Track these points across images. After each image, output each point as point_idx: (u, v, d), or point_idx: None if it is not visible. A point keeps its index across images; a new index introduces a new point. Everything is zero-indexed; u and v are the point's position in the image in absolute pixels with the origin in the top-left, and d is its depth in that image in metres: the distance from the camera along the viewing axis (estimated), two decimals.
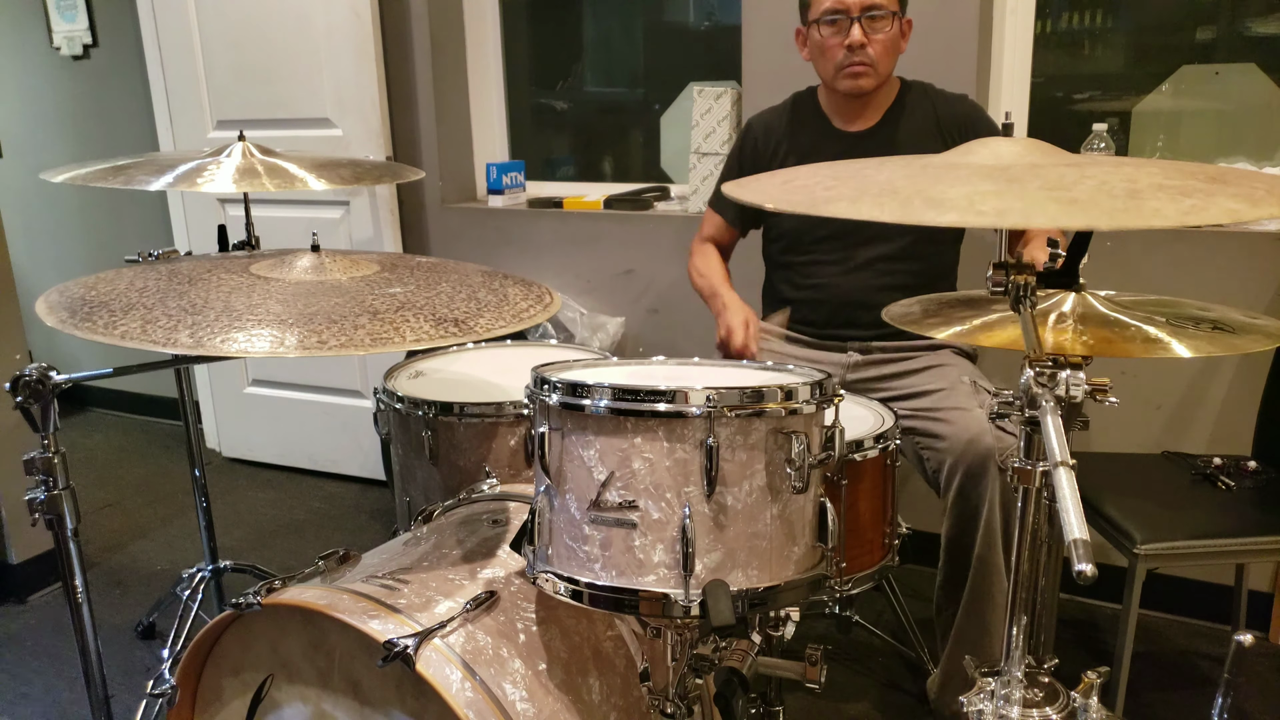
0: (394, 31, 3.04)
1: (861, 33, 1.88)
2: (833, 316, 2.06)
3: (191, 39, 3.22)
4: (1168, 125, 2.46)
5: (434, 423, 1.73)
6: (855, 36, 1.88)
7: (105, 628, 2.47)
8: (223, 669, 1.35)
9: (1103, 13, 2.49)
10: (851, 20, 1.88)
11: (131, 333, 1.09)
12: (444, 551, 1.42)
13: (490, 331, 1.21)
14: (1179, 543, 1.74)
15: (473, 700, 1.14)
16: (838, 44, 1.91)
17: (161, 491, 3.36)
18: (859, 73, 1.92)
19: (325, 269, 1.33)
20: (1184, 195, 0.91)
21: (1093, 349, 1.15)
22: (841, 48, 1.90)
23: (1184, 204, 0.89)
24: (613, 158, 3.37)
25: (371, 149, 3.04)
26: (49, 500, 1.22)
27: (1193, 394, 2.29)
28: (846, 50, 1.90)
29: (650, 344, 2.92)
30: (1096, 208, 0.90)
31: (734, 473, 1.13)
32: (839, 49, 1.91)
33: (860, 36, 1.88)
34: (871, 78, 1.92)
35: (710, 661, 1.32)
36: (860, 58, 1.90)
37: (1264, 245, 2.15)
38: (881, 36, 1.89)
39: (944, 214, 0.91)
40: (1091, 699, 1.19)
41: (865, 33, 1.88)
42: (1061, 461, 0.94)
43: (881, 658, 2.24)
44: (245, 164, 1.88)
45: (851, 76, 1.92)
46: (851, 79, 1.93)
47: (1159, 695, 2.09)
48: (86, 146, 3.79)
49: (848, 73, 1.92)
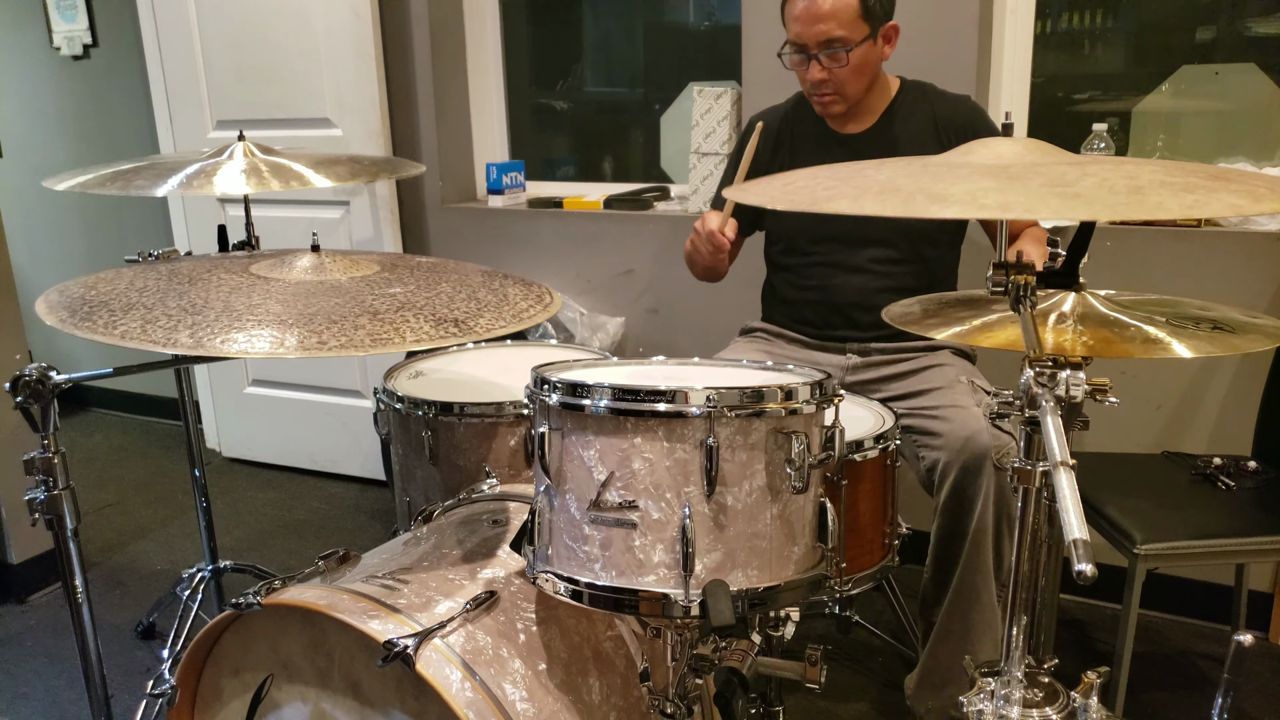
0: (394, 31, 3.04)
1: (820, 69, 1.90)
2: (832, 318, 2.06)
3: (191, 39, 3.22)
4: (1168, 125, 2.46)
5: (434, 423, 1.73)
6: (814, 74, 1.91)
7: (105, 628, 2.47)
8: (223, 669, 1.35)
9: (1103, 13, 2.49)
10: (810, 56, 1.90)
11: (131, 332, 1.09)
12: (444, 551, 1.42)
13: (490, 331, 1.21)
14: (1179, 543, 1.74)
15: (473, 700, 1.14)
16: (803, 74, 1.94)
17: (161, 491, 3.36)
18: (825, 102, 1.96)
19: (325, 269, 1.33)
20: (1186, 191, 0.91)
21: (1093, 349, 1.15)
22: (806, 78, 1.93)
23: (1186, 199, 0.89)
24: (613, 158, 3.37)
25: (371, 149, 3.04)
26: (49, 500, 1.22)
27: (1193, 394, 2.29)
28: (811, 83, 1.93)
29: (650, 344, 2.92)
30: (1099, 201, 0.90)
31: (734, 473, 1.14)
32: (805, 79, 1.95)
33: (819, 73, 1.90)
34: (840, 103, 1.95)
35: (710, 661, 1.32)
36: (823, 90, 1.93)
37: (1264, 245, 2.15)
38: (844, 69, 1.89)
39: (946, 207, 0.91)
40: (1091, 699, 1.19)
41: (825, 68, 1.89)
42: (1061, 461, 0.94)
43: (881, 658, 2.24)
44: (248, 164, 1.88)
45: (820, 104, 1.98)
46: (820, 106, 1.98)
47: (1159, 695, 2.09)
48: (86, 146, 3.79)
49: (816, 101, 1.97)
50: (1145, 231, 2.24)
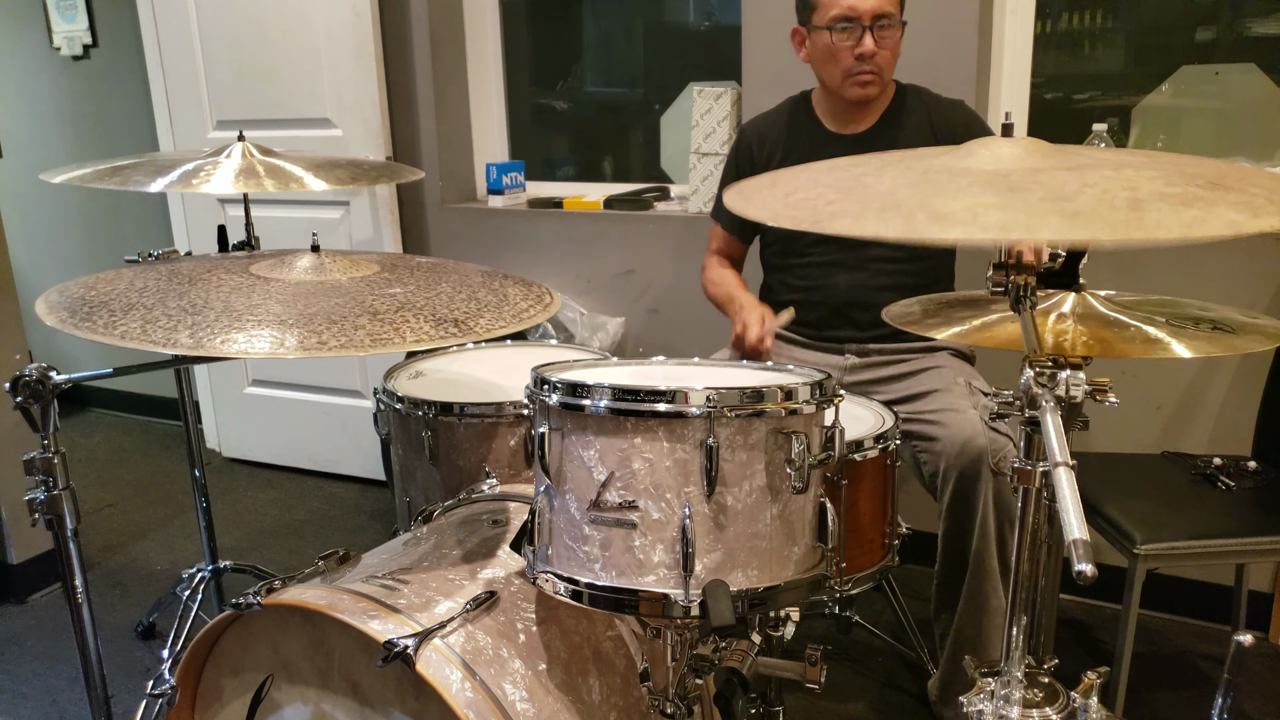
0: (394, 31, 3.04)
1: (873, 41, 1.87)
2: (829, 318, 2.05)
3: (191, 39, 3.22)
4: (1168, 125, 2.46)
5: (434, 423, 1.73)
6: (867, 45, 1.87)
7: (105, 628, 2.47)
8: (223, 669, 1.35)
9: (1103, 13, 2.49)
10: (863, 29, 1.86)
11: (131, 333, 1.09)
12: (444, 552, 1.42)
13: (490, 332, 1.21)
14: (1179, 543, 1.74)
15: (473, 700, 1.14)
16: (848, 51, 1.89)
17: (161, 491, 3.36)
18: (868, 81, 1.91)
19: (325, 269, 1.33)
20: (1185, 205, 0.91)
21: (1092, 350, 1.15)
22: (851, 55, 1.89)
23: (1185, 215, 0.89)
24: (613, 158, 3.37)
25: (371, 149, 3.04)
26: (49, 500, 1.22)
27: (1193, 394, 2.29)
28: (857, 59, 1.89)
29: (650, 344, 2.92)
30: (1099, 220, 0.90)
31: (734, 473, 1.13)
32: (849, 56, 1.89)
33: (872, 45, 1.87)
34: (878, 85, 1.92)
35: (710, 661, 1.32)
36: (869, 66, 1.89)
37: (1264, 245, 2.15)
38: (890, 44, 1.89)
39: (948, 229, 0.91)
40: (1091, 699, 1.19)
41: (876, 41, 1.87)
42: (1061, 462, 0.94)
43: (881, 658, 2.24)
44: (245, 164, 1.88)
45: (860, 85, 1.92)
46: (860, 87, 1.92)
47: (1159, 695, 2.09)
48: (86, 146, 3.79)
49: (856, 80, 1.91)
50: None
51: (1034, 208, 0.92)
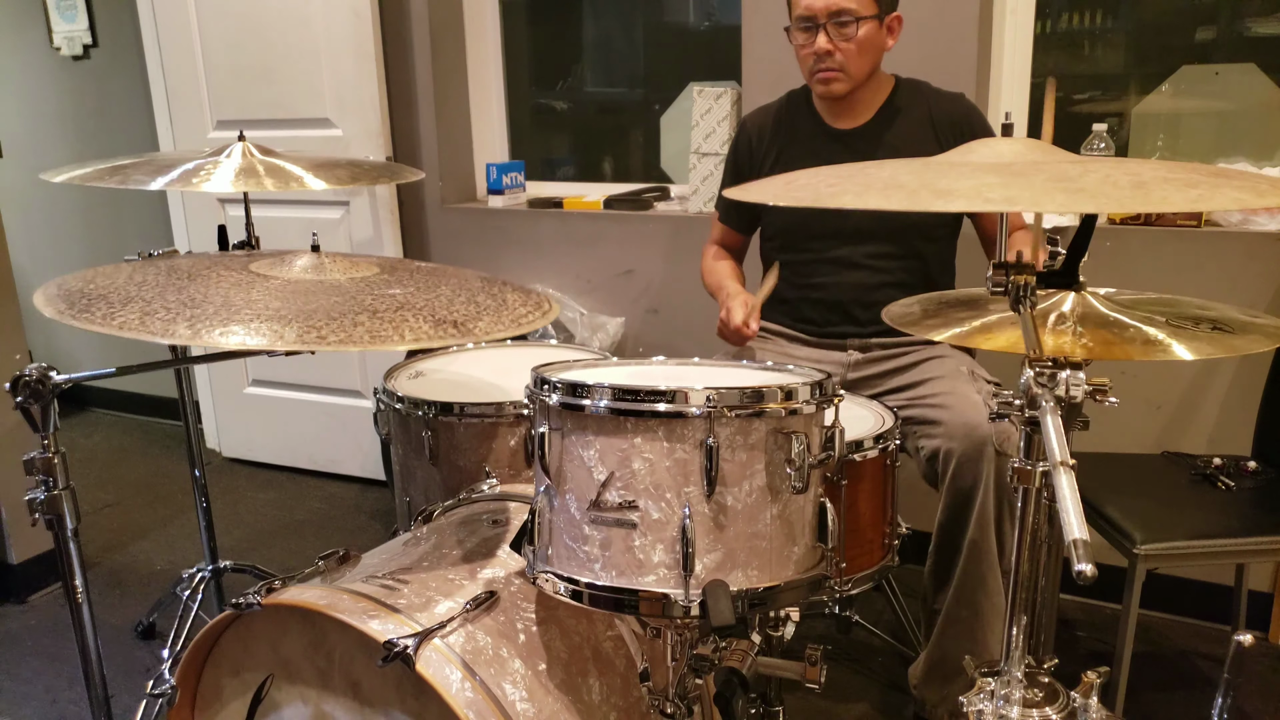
0: (394, 31, 3.04)
1: (828, 40, 1.89)
2: (831, 314, 2.06)
3: (191, 39, 3.22)
4: (1168, 125, 2.46)
5: (434, 423, 1.73)
6: (819, 44, 1.89)
7: (105, 628, 2.47)
8: (223, 669, 1.35)
9: (1103, 13, 2.49)
10: (818, 27, 1.89)
11: (129, 324, 1.09)
12: (444, 551, 1.42)
13: (489, 335, 1.21)
14: (1179, 543, 1.74)
15: (473, 700, 1.14)
16: (808, 50, 1.92)
17: (161, 491, 3.36)
18: (828, 78, 1.93)
19: (325, 269, 1.33)
20: (1190, 186, 0.91)
21: (1092, 352, 1.15)
22: (811, 54, 1.92)
23: (1190, 193, 0.89)
24: (613, 158, 3.37)
25: (371, 149, 3.04)
26: (49, 500, 1.22)
27: (1193, 394, 2.29)
28: (816, 57, 1.91)
29: (650, 344, 2.92)
30: (1105, 195, 0.90)
31: (734, 473, 1.13)
32: (810, 55, 1.93)
33: (826, 44, 1.89)
34: (843, 82, 1.93)
35: (710, 661, 1.32)
36: (827, 64, 1.91)
37: (1264, 245, 2.15)
38: (851, 43, 1.89)
39: (952, 201, 0.91)
40: (1091, 699, 1.19)
41: (832, 39, 1.88)
42: (1061, 462, 0.94)
43: (881, 658, 2.24)
44: (245, 164, 1.88)
45: (822, 82, 1.94)
46: (822, 84, 1.95)
47: (1159, 695, 2.09)
48: (86, 146, 3.79)
49: (818, 78, 1.94)
50: (1145, 231, 2.24)
51: (1038, 185, 0.92)
